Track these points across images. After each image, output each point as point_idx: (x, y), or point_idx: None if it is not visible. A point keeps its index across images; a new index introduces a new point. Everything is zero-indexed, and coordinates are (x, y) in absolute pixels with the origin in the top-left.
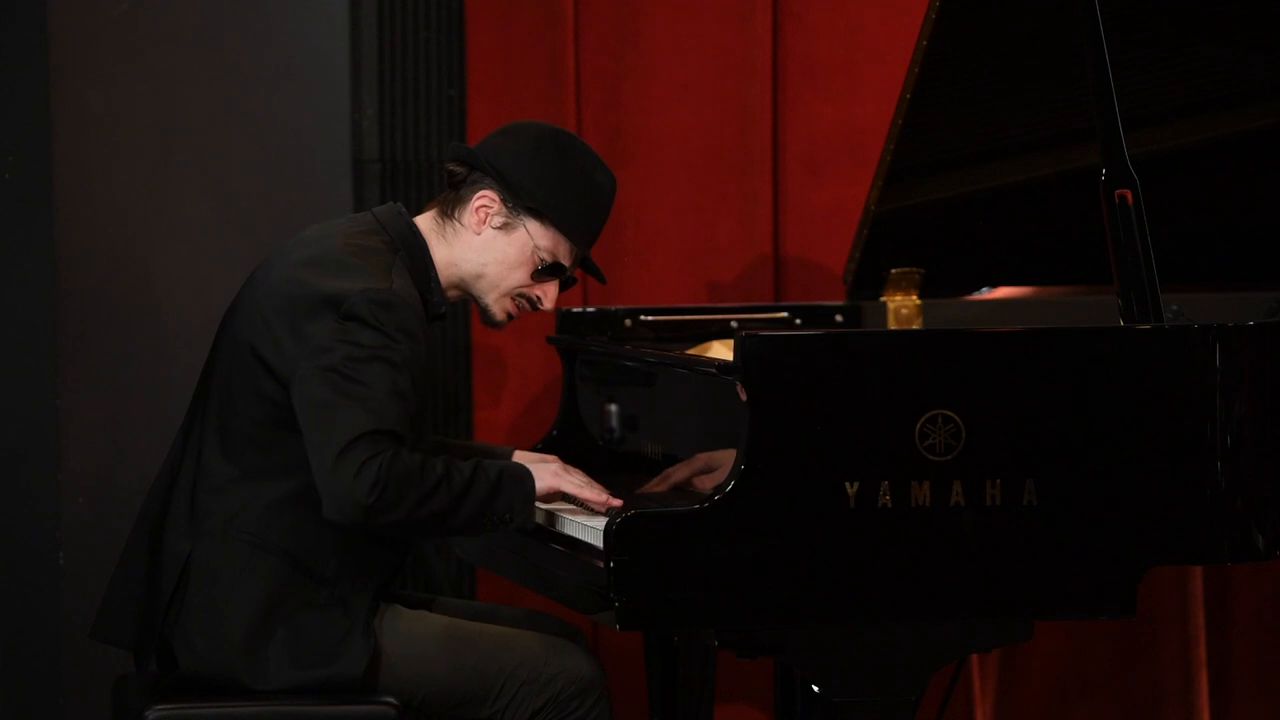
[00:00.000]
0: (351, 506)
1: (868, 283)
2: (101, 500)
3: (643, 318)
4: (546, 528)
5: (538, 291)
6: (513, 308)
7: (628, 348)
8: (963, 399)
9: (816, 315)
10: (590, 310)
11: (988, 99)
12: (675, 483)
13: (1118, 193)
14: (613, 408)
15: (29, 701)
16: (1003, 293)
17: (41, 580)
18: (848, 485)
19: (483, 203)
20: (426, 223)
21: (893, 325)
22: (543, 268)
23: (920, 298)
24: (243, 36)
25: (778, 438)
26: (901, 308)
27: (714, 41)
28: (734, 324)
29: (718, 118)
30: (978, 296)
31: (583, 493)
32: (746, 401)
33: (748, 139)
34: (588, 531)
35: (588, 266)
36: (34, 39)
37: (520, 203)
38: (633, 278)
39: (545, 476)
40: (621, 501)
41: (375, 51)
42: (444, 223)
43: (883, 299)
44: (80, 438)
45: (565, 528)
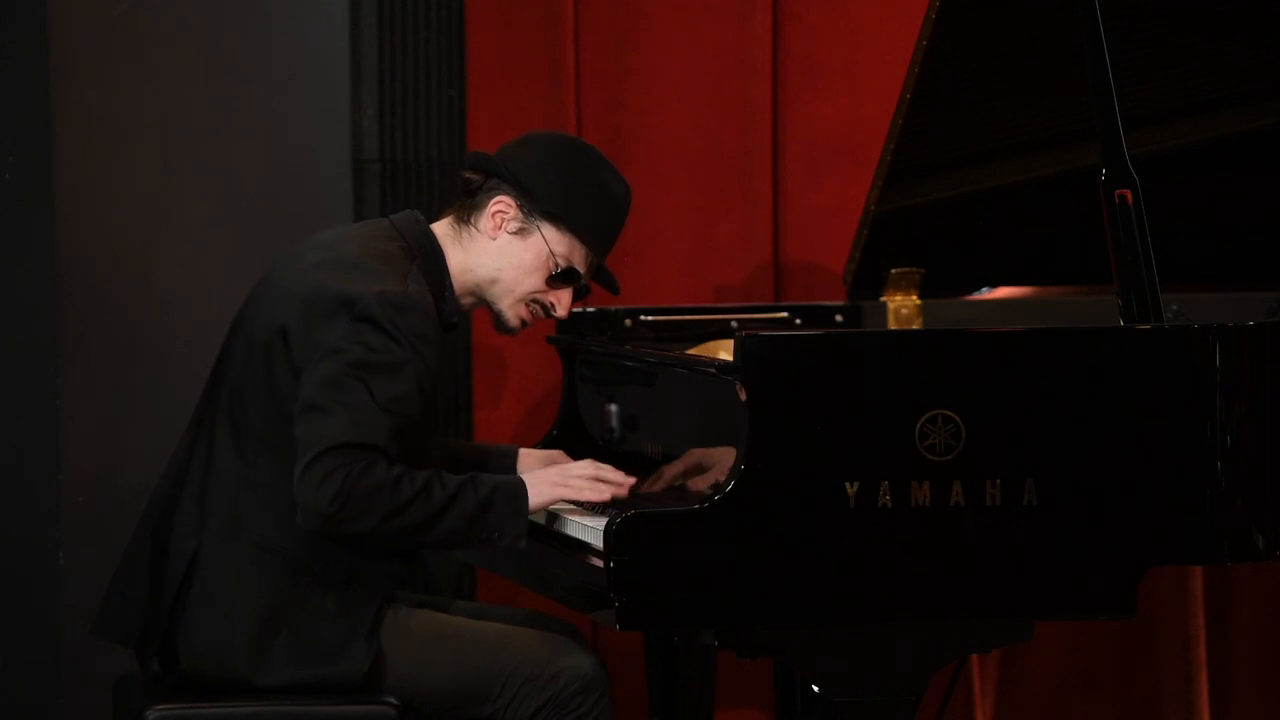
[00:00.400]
0: (314, 514)
1: (868, 283)
2: (101, 500)
3: (643, 318)
4: (546, 528)
5: (551, 298)
6: (526, 314)
7: (628, 348)
8: (963, 399)
9: (816, 315)
10: (590, 310)
11: (988, 99)
12: (669, 480)
13: (1118, 193)
14: (613, 408)
15: (29, 701)
16: (1003, 293)
17: (41, 580)
18: (848, 485)
19: (499, 208)
20: (442, 229)
21: (893, 325)
22: (558, 273)
23: (920, 298)
24: (243, 36)
25: (778, 438)
26: (901, 308)
27: (714, 41)
28: (734, 324)
29: (718, 118)
30: (978, 296)
31: (584, 495)
32: (746, 401)
33: (748, 139)
34: (588, 531)
35: (601, 275)
36: (34, 39)
37: (536, 208)
38: (633, 278)
39: (543, 489)
40: (633, 480)
41: (375, 51)
42: (460, 229)
43: (883, 299)
44: (80, 438)
45: (565, 528)
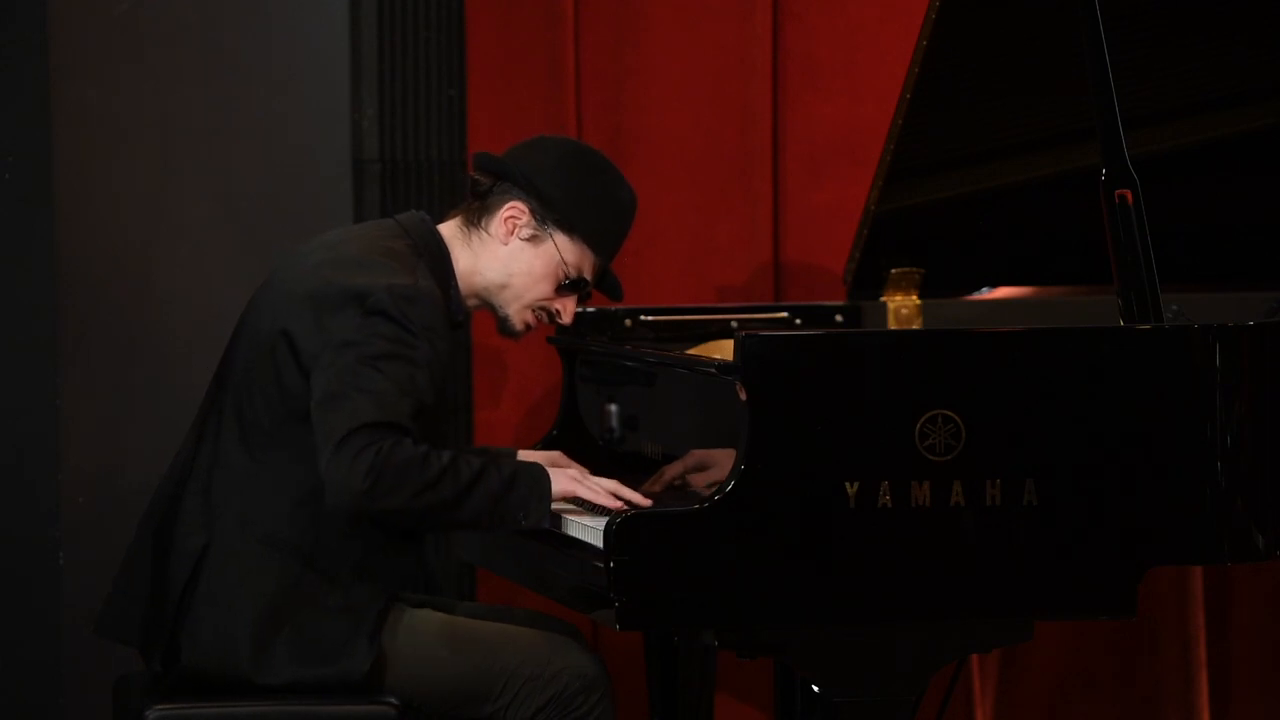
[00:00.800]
0: (347, 493)
1: (868, 283)
2: (101, 500)
3: (643, 318)
4: (547, 528)
5: (557, 304)
6: (532, 319)
7: (628, 348)
8: (963, 399)
9: (816, 315)
10: (590, 310)
11: (988, 99)
12: (669, 480)
13: (1118, 193)
14: (613, 408)
15: (29, 701)
16: (1003, 293)
17: (41, 580)
18: (848, 485)
19: (512, 213)
20: (449, 230)
21: (893, 325)
22: (567, 282)
23: (920, 298)
24: (243, 36)
25: (778, 438)
26: (901, 308)
27: (714, 41)
28: (734, 324)
29: (718, 118)
30: (978, 296)
31: (598, 499)
32: (746, 401)
33: (748, 139)
34: (588, 531)
35: (606, 281)
36: (34, 39)
37: (550, 215)
38: (633, 278)
39: (562, 480)
40: (650, 503)
41: (375, 51)
42: (469, 231)
43: (883, 299)
44: (80, 438)
45: (565, 528)
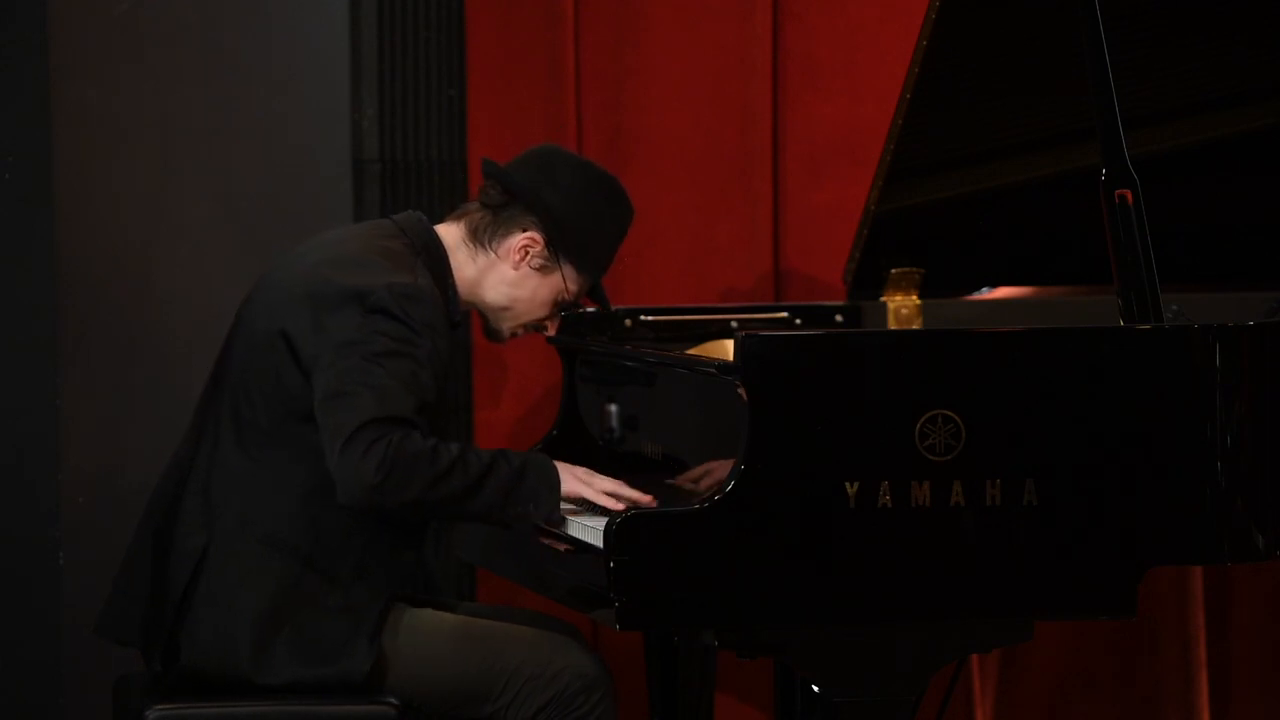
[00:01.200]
0: (359, 488)
1: (868, 283)
2: (101, 500)
3: (643, 318)
4: (547, 527)
5: (548, 320)
6: (521, 332)
7: (628, 348)
8: (963, 399)
9: (816, 315)
10: (590, 310)
11: (988, 99)
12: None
13: (1118, 193)
14: (613, 408)
15: (29, 701)
16: (1003, 293)
17: (41, 580)
18: (848, 485)
19: (527, 243)
20: (451, 236)
21: (893, 325)
22: (565, 304)
23: (920, 298)
24: (243, 36)
25: (778, 438)
26: (901, 308)
27: (714, 41)
28: (734, 324)
29: (718, 118)
30: (978, 296)
31: (600, 500)
32: (746, 401)
33: (748, 139)
34: (588, 531)
35: (596, 293)
36: (34, 39)
37: (563, 249)
38: (633, 278)
39: (569, 481)
40: (652, 500)
41: (375, 51)
42: (475, 247)
43: (883, 299)
44: (80, 438)
45: (565, 528)
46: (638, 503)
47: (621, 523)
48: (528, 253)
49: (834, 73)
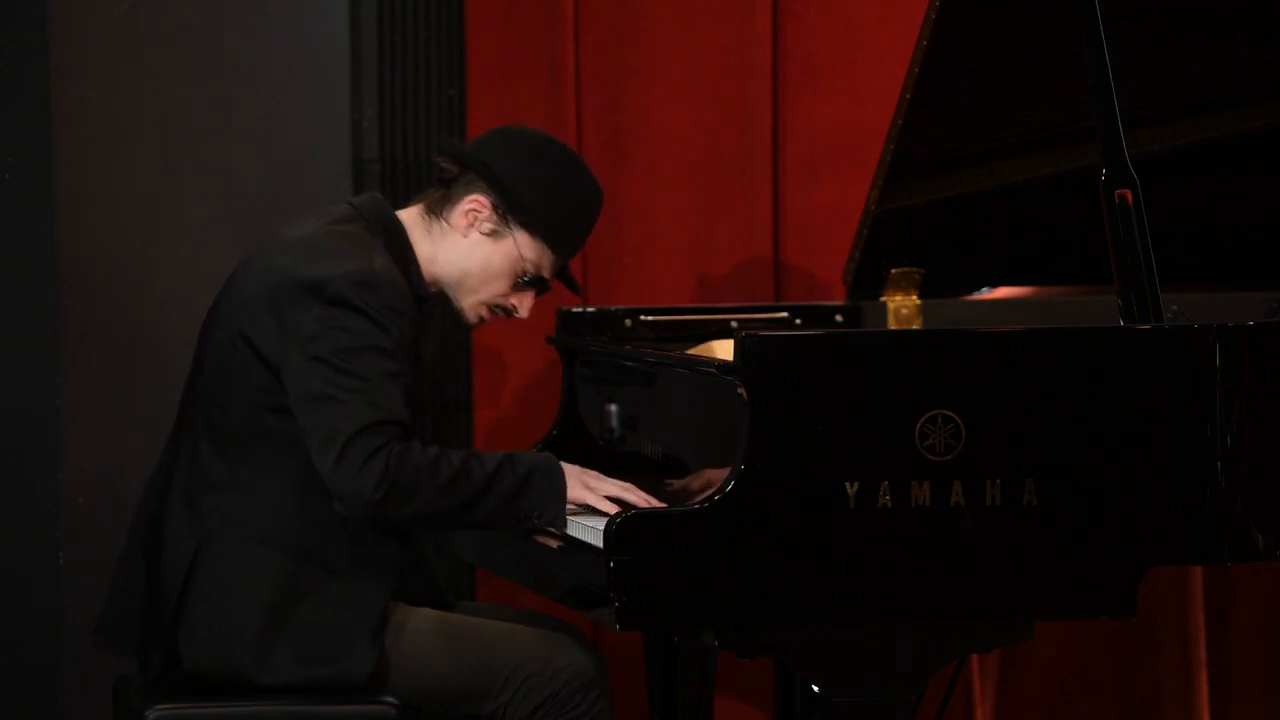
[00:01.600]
0: (359, 503)
1: (868, 283)
2: (101, 500)
3: (643, 318)
4: (547, 529)
5: (514, 300)
6: (486, 314)
7: (628, 348)
8: (963, 399)
9: (816, 315)
10: (590, 310)
11: (988, 99)
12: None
13: (1118, 193)
14: (613, 408)
15: (29, 701)
16: (1003, 293)
17: (41, 580)
18: (848, 485)
19: (473, 206)
20: (410, 217)
21: (893, 325)
22: (525, 279)
23: (920, 298)
24: (243, 36)
25: (778, 438)
26: (901, 308)
27: (714, 41)
28: (734, 324)
29: (718, 118)
30: (978, 296)
31: (601, 506)
32: (746, 401)
33: (748, 139)
34: (588, 531)
35: (564, 276)
36: (34, 39)
37: (512, 212)
38: (633, 278)
39: (575, 485)
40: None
41: (375, 51)
42: (430, 220)
43: (883, 299)
44: (80, 437)
45: (565, 527)
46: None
47: (621, 523)
48: (475, 217)
49: (834, 73)
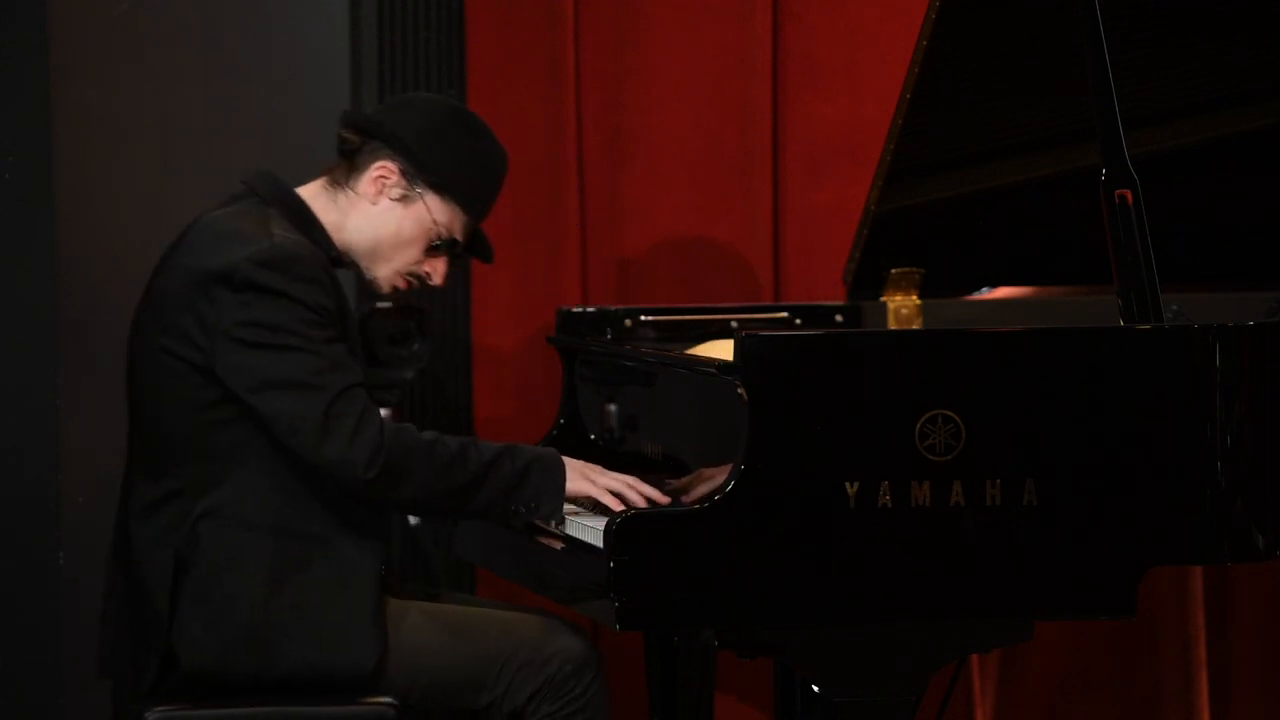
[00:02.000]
0: (352, 478)
1: (868, 283)
2: (101, 500)
3: (643, 318)
4: (543, 526)
5: (427, 267)
6: (401, 283)
7: (628, 348)
8: (963, 399)
9: (816, 315)
10: (590, 310)
11: (988, 99)
12: (676, 489)
13: (1118, 193)
14: (613, 408)
15: (29, 701)
16: (1003, 293)
17: (41, 580)
18: (848, 485)
19: (381, 173)
20: (313, 190)
21: (893, 325)
22: (439, 244)
23: (920, 298)
24: (243, 36)
25: (778, 438)
26: (901, 308)
27: (714, 41)
28: (734, 324)
29: (718, 118)
30: (978, 296)
31: (605, 499)
32: (746, 401)
33: (748, 139)
34: (588, 531)
35: (477, 242)
36: (34, 39)
37: (421, 176)
38: (633, 278)
39: (576, 479)
40: (667, 500)
41: (375, 51)
42: (335, 190)
43: (883, 299)
44: (80, 438)
45: (565, 527)
46: (651, 500)
47: (621, 523)
48: (384, 184)
49: (834, 73)
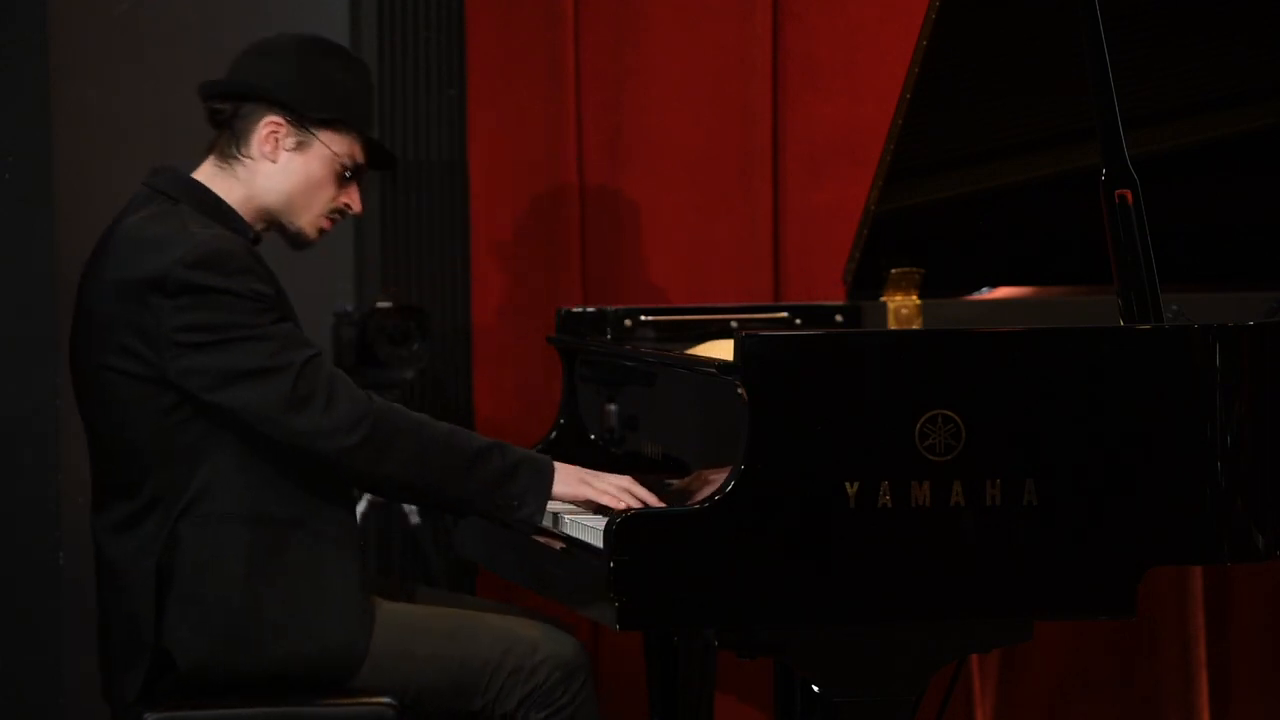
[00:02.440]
0: (334, 445)
1: (868, 283)
2: None
3: (643, 318)
4: (547, 527)
5: (344, 199)
6: (325, 224)
7: (628, 348)
8: (963, 399)
9: (816, 315)
10: (590, 310)
11: (988, 99)
12: (676, 491)
13: (1118, 193)
14: (613, 408)
15: (29, 702)
16: (1003, 293)
17: (41, 580)
18: (848, 485)
19: (270, 129)
20: (207, 172)
21: (893, 325)
22: (348, 174)
23: (920, 298)
24: (243, 36)
25: (778, 438)
26: (901, 308)
27: (714, 41)
28: (734, 324)
29: (718, 118)
30: (978, 296)
31: (604, 499)
32: (746, 401)
33: (748, 139)
34: (588, 531)
35: (376, 156)
36: (34, 39)
37: (308, 117)
38: (633, 278)
39: (572, 482)
40: (660, 502)
41: (375, 51)
42: (229, 164)
43: (883, 299)
44: (80, 438)
45: (565, 527)
46: (646, 503)
47: (621, 523)
48: (276, 139)
49: (834, 73)
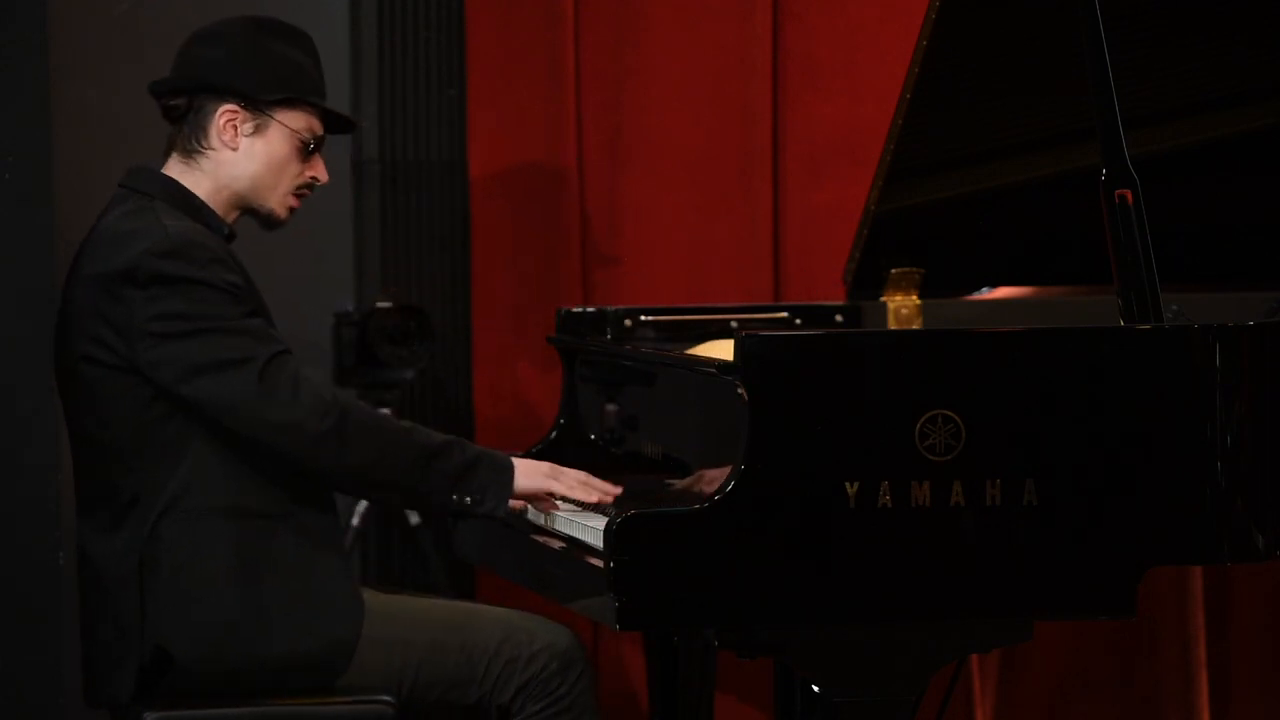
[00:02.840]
0: (298, 435)
1: (868, 283)
2: None
3: (643, 318)
4: (546, 527)
5: (310, 173)
6: (294, 201)
7: (628, 348)
8: (963, 399)
9: (816, 315)
10: (590, 310)
11: (988, 99)
12: (677, 490)
13: (1118, 193)
14: (612, 408)
15: (28, 702)
16: (1003, 293)
17: (41, 580)
18: (848, 485)
19: (227, 117)
20: (175, 168)
21: (893, 325)
22: (310, 149)
23: (920, 298)
24: None
25: (777, 438)
26: (901, 308)
27: (714, 41)
28: (734, 324)
29: (718, 118)
30: (978, 296)
31: (575, 493)
32: (747, 401)
33: (748, 139)
34: (587, 531)
35: (332, 122)
36: (34, 39)
37: (262, 101)
38: (633, 278)
39: (535, 477)
40: (620, 489)
41: (375, 51)
42: (193, 158)
43: (883, 299)
44: None
45: (565, 527)
46: (606, 491)
47: (621, 523)
48: (235, 127)
49: (834, 73)
